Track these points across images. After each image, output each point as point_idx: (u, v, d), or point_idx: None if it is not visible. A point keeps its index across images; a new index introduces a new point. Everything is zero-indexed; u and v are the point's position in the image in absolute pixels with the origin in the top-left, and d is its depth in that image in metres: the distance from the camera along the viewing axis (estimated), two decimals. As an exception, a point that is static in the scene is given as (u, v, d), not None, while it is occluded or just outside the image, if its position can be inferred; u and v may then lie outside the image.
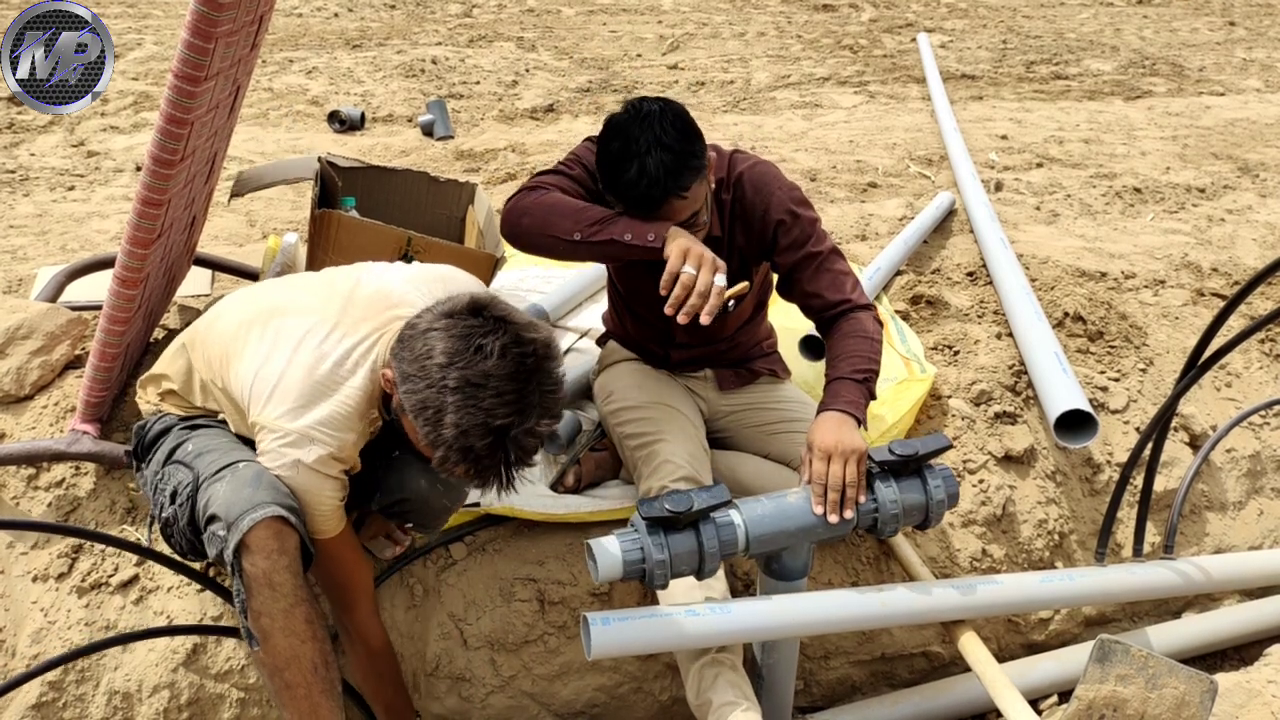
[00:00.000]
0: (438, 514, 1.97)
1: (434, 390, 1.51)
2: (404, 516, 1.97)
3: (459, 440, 1.51)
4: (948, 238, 3.74)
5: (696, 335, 2.28)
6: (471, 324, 1.53)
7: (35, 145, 4.75)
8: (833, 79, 6.54)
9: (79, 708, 1.96)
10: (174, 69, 1.78)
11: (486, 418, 1.49)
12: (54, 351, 2.31)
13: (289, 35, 7.06)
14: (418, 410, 1.54)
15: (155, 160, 1.84)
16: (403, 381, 1.56)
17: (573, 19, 8.24)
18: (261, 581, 1.61)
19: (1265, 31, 8.42)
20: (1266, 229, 3.95)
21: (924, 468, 1.92)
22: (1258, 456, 2.91)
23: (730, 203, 2.09)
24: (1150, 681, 1.69)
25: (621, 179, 1.87)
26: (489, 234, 2.67)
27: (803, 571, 1.94)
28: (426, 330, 1.55)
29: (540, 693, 2.18)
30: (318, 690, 1.65)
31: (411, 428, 1.60)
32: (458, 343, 1.51)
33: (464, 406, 1.49)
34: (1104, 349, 2.98)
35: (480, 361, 1.50)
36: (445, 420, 1.50)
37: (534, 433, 1.54)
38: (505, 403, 1.50)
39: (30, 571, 2.06)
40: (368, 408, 1.71)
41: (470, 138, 5.08)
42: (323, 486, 1.68)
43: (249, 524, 1.60)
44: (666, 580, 1.75)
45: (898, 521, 1.89)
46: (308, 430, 1.65)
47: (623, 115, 1.91)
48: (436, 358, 1.51)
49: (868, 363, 2.02)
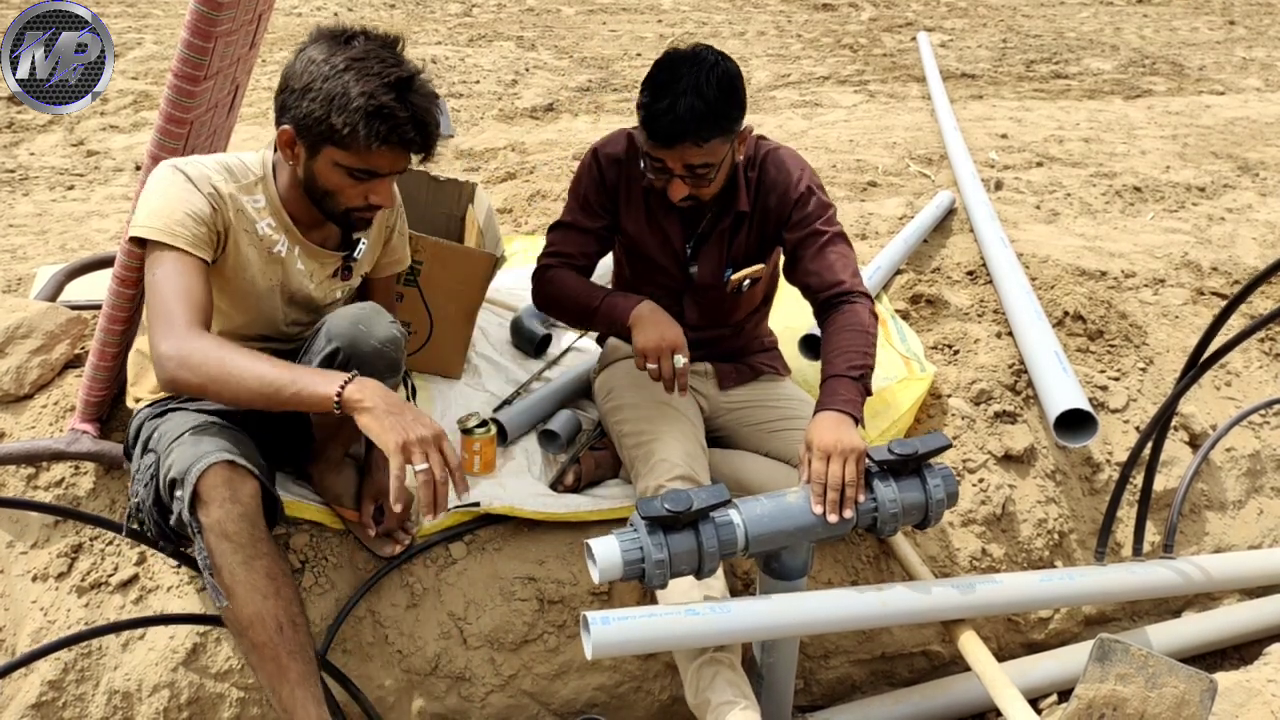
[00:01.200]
0: (372, 359, 1.79)
1: (330, 80, 1.66)
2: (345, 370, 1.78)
3: (370, 103, 1.65)
4: (948, 237, 3.74)
5: (706, 317, 2.30)
6: (328, 32, 1.73)
7: (35, 145, 4.75)
8: (832, 78, 6.53)
9: (79, 707, 1.96)
10: (173, 68, 1.78)
11: (380, 80, 1.66)
12: (53, 351, 2.31)
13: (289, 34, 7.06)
14: (325, 108, 1.66)
15: (155, 159, 1.84)
16: (301, 99, 1.69)
17: (572, 18, 8.24)
18: (217, 532, 1.62)
19: (1265, 30, 8.42)
20: (1266, 228, 3.95)
21: (923, 467, 1.91)
22: (1257, 456, 2.91)
23: (756, 180, 2.16)
24: (1150, 681, 1.69)
25: (652, 108, 1.95)
26: (489, 233, 2.67)
27: (802, 571, 1.93)
28: (298, 53, 1.72)
29: (540, 692, 2.18)
30: (284, 652, 1.63)
31: (327, 160, 1.73)
32: (327, 45, 1.70)
33: (361, 76, 1.66)
34: (1104, 348, 2.98)
35: (351, 47, 1.69)
36: (351, 94, 1.65)
37: (425, 90, 1.72)
38: (390, 64, 1.68)
39: (30, 571, 2.06)
40: (249, 172, 1.83)
41: (470, 137, 5.08)
42: (176, 187, 1.73)
43: (197, 473, 1.62)
44: (665, 580, 1.75)
45: (897, 521, 1.88)
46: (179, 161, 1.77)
47: (681, 52, 1.99)
48: (319, 63, 1.68)
49: (863, 358, 2.04)
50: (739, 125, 2.01)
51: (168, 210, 1.71)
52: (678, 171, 2.01)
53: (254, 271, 1.84)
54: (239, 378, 1.60)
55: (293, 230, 1.87)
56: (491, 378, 2.66)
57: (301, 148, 1.74)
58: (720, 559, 1.79)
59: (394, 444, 1.56)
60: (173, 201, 1.71)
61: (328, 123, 1.66)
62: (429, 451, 1.58)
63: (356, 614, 2.07)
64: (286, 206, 1.85)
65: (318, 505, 2.10)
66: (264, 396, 1.61)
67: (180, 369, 1.62)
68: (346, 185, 1.75)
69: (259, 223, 1.82)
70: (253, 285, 1.85)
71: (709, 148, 1.96)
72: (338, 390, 1.59)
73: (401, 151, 1.72)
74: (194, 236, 1.71)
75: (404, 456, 1.57)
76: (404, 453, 1.57)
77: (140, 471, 1.81)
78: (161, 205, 1.71)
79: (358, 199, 1.78)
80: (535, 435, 2.45)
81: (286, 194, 1.84)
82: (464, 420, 2.28)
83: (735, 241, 2.21)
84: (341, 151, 1.70)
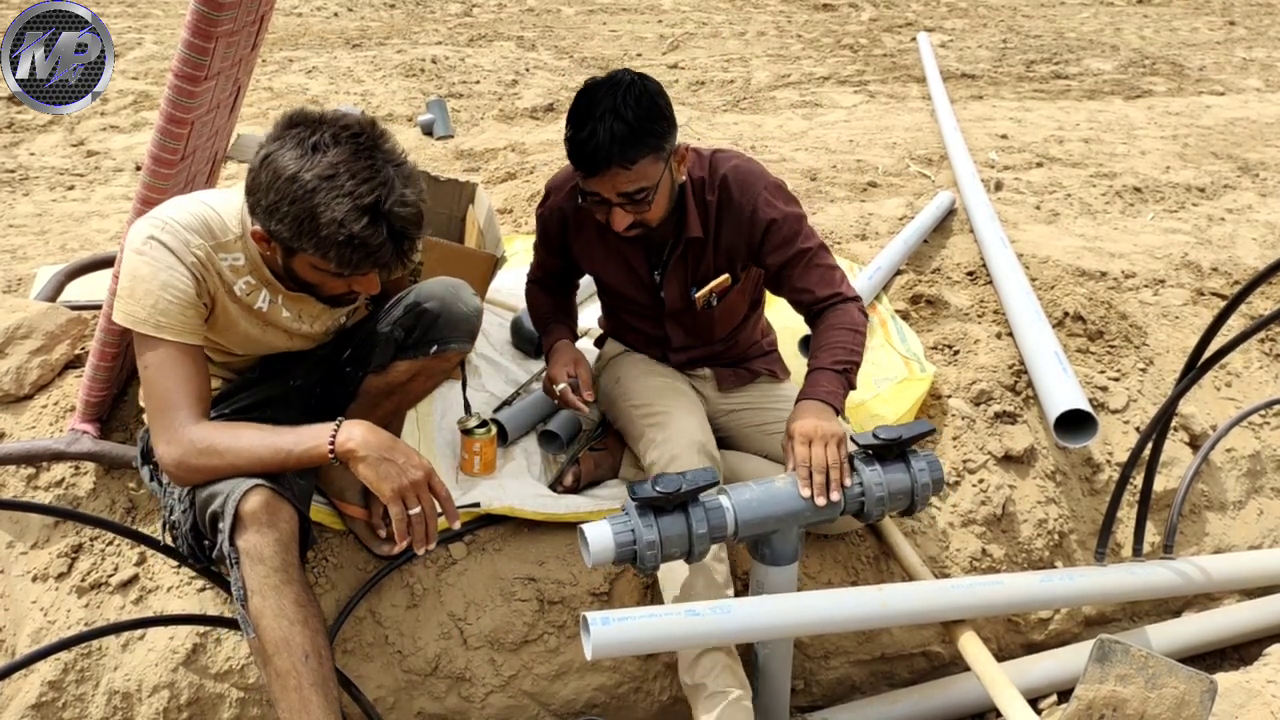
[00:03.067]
0: (459, 322, 1.96)
1: (297, 203, 1.55)
2: (428, 333, 1.95)
3: (340, 232, 1.55)
4: (948, 237, 3.74)
5: (691, 337, 2.29)
6: (297, 133, 1.58)
7: (35, 145, 4.75)
8: (833, 78, 6.54)
9: (79, 707, 1.96)
10: (174, 68, 1.78)
11: (354, 201, 1.54)
12: (53, 351, 2.31)
13: (289, 35, 7.06)
14: (295, 230, 1.58)
15: (155, 160, 1.84)
16: (269, 218, 1.60)
17: (573, 18, 8.24)
18: (252, 556, 1.64)
19: (1265, 31, 8.42)
20: (1266, 228, 3.95)
21: (908, 453, 1.95)
22: (1257, 456, 2.91)
23: (716, 204, 2.11)
24: (1150, 681, 1.69)
25: (574, 137, 1.93)
26: (489, 233, 2.67)
27: (793, 556, 1.97)
28: (264, 160, 1.59)
29: (540, 692, 2.18)
30: (308, 682, 1.62)
31: (304, 262, 1.66)
32: (293, 151, 1.56)
33: (329, 201, 1.54)
34: (1104, 348, 2.98)
35: (320, 157, 1.55)
36: (321, 221, 1.55)
37: (405, 201, 1.59)
38: (363, 180, 1.55)
39: (30, 571, 2.06)
40: (229, 226, 1.75)
41: (470, 137, 5.08)
42: (157, 266, 1.66)
43: (239, 495, 1.64)
44: (657, 562, 1.79)
45: (884, 505, 1.92)
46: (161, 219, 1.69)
47: (599, 80, 1.96)
48: (284, 175, 1.56)
49: (849, 354, 2.05)
50: (668, 142, 1.95)
51: (151, 298, 1.66)
52: (614, 200, 1.95)
53: (244, 325, 1.84)
54: (239, 466, 1.70)
55: (274, 284, 1.82)
56: (491, 378, 2.66)
57: (277, 248, 1.68)
58: (711, 542, 1.83)
59: (390, 493, 1.68)
60: (156, 288, 1.66)
61: (298, 237, 1.60)
62: (420, 494, 1.70)
63: (357, 614, 2.07)
64: (268, 263, 1.78)
65: (319, 504, 2.09)
66: (269, 471, 1.72)
67: (180, 472, 1.71)
68: (327, 280, 1.71)
69: (236, 283, 1.78)
70: (246, 335, 1.86)
71: (638, 170, 1.91)
72: (329, 440, 1.69)
73: (381, 269, 1.67)
74: (181, 324, 1.70)
75: (401, 504, 1.69)
76: (400, 499, 1.69)
77: (171, 485, 1.83)
78: (145, 291, 1.66)
79: (341, 289, 1.75)
80: (535, 435, 2.45)
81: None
82: (464, 420, 2.28)
83: (699, 264, 2.17)
84: (319, 260, 1.64)
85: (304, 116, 1.61)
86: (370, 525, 2.07)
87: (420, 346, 1.95)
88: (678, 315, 2.26)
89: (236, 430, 1.72)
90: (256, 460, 1.69)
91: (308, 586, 1.70)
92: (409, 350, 1.96)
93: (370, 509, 2.06)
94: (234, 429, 1.73)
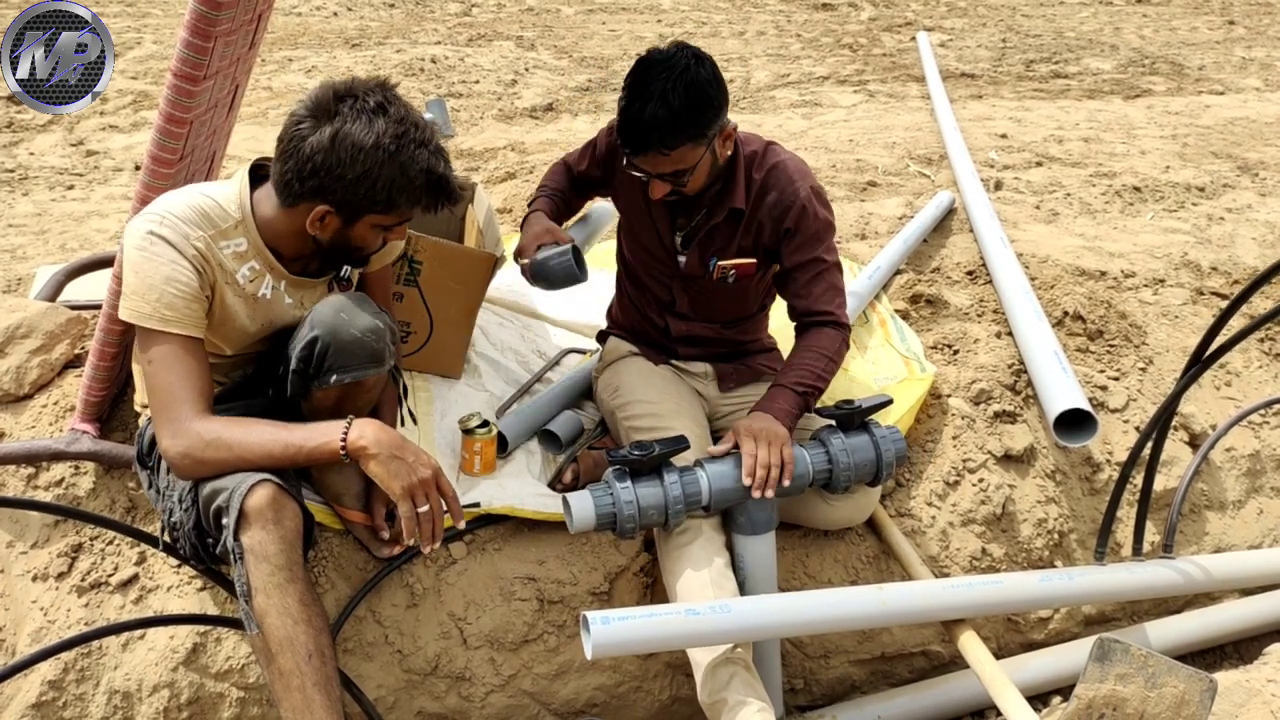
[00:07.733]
0: (352, 348, 1.79)
1: (386, 165, 1.67)
2: (323, 363, 1.80)
3: (430, 178, 1.71)
4: (947, 237, 3.74)
5: (695, 308, 2.33)
6: (347, 108, 1.68)
7: (34, 144, 4.75)
8: (832, 78, 6.54)
9: (79, 707, 1.96)
10: (173, 68, 1.78)
11: (426, 149, 1.71)
12: (53, 350, 2.31)
13: (288, 34, 7.06)
14: (386, 190, 1.69)
15: (154, 159, 1.84)
16: (354, 189, 1.68)
17: (572, 18, 8.24)
18: (257, 554, 1.64)
19: (1265, 30, 8.43)
20: (1266, 228, 3.95)
21: (870, 424, 2.09)
22: (1257, 455, 2.91)
23: (760, 182, 2.16)
24: (1150, 680, 1.69)
25: (625, 111, 1.99)
26: (489, 233, 2.66)
27: (769, 525, 2.06)
28: (335, 139, 1.66)
29: (540, 692, 2.18)
30: (311, 682, 1.62)
31: (367, 224, 1.76)
32: (357, 124, 1.66)
33: (413, 153, 1.69)
34: (1103, 348, 2.98)
35: (381, 121, 1.68)
36: (411, 174, 1.69)
37: (440, 150, 1.76)
38: (418, 128, 1.71)
39: (30, 571, 2.06)
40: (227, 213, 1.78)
41: (470, 137, 5.08)
42: (160, 261, 1.68)
43: (244, 491, 1.64)
44: (636, 527, 1.90)
45: (851, 473, 2.04)
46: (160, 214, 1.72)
47: (659, 54, 2.00)
48: (366, 146, 1.66)
49: (815, 379, 2.12)
50: (711, 129, 2.00)
51: (155, 291, 1.68)
52: (653, 174, 2.04)
53: (242, 319, 1.84)
54: (247, 460, 1.70)
55: (277, 267, 1.84)
56: (491, 378, 2.66)
57: (336, 219, 1.75)
58: (686, 507, 1.95)
59: (400, 490, 1.71)
60: (159, 281, 1.68)
61: (389, 202, 1.72)
62: (429, 492, 1.73)
63: (357, 614, 2.07)
64: (270, 243, 1.81)
65: (318, 504, 2.09)
66: (278, 466, 1.72)
67: (186, 464, 1.71)
68: (377, 238, 1.83)
69: (239, 270, 1.79)
70: (243, 330, 1.86)
71: (676, 155, 1.98)
72: (341, 437, 1.70)
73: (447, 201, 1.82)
74: (186, 318, 1.71)
75: (410, 501, 1.71)
76: (410, 497, 1.71)
77: (170, 487, 1.82)
78: (148, 286, 1.68)
79: (378, 243, 1.85)
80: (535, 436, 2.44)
81: (270, 231, 1.81)
82: (465, 420, 2.28)
83: (728, 236, 2.21)
84: (386, 216, 1.76)
85: (336, 92, 1.69)
86: (370, 528, 2.07)
87: (322, 377, 1.81)
88: (688, 281, 2.28)
89: (247, 424, 1.72)
90: (266, 455, 1.69)
91: (311, 585, 1.70)
92: (316, 380, 1.83)
93: (371, 512, 2.06)
94: (244, 423, 1.73)
